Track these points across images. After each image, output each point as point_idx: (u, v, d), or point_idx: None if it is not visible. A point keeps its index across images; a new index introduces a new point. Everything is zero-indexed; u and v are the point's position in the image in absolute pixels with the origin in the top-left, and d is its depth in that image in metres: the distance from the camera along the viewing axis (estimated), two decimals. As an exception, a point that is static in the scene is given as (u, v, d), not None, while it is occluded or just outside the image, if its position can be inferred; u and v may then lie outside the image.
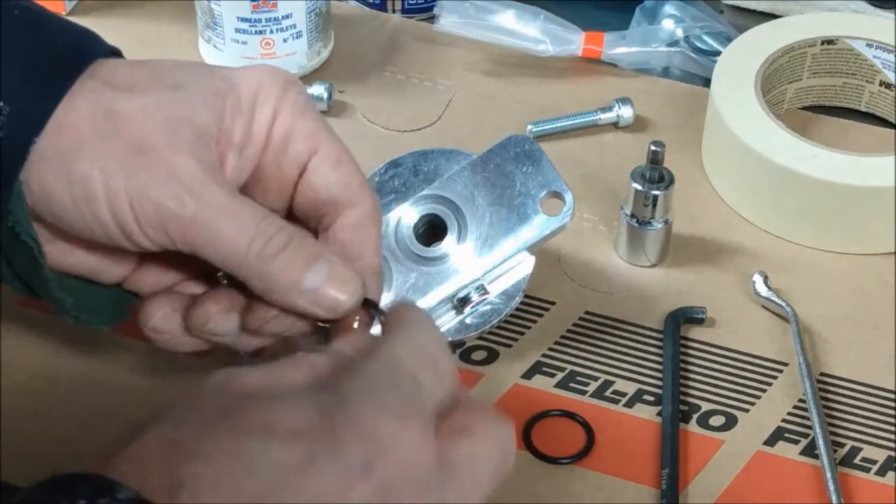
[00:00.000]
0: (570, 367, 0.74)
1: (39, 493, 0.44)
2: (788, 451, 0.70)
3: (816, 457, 0.69)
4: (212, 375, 0.49)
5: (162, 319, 0.60)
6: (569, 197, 0.73)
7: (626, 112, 0.87)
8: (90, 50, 0.58)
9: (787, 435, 0.71)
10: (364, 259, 0.60)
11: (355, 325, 0.57)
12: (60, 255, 0.60)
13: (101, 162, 0.55)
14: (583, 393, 0.72)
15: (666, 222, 0.78)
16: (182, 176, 0.55)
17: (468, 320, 0.72)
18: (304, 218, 0.60)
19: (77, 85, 0.56)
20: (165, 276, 0.62)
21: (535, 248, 0.73)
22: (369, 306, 0.58)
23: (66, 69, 0.56)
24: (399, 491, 0.47)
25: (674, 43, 0.92)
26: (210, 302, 0.59)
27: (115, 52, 0.60)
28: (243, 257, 0.55)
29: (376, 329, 0.58)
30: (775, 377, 0.73)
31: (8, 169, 0.55)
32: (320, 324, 0.58)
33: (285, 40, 0.88)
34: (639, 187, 0.76)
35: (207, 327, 0.59)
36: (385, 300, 0.72)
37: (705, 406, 0.72)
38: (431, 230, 0.74)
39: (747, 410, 0.72)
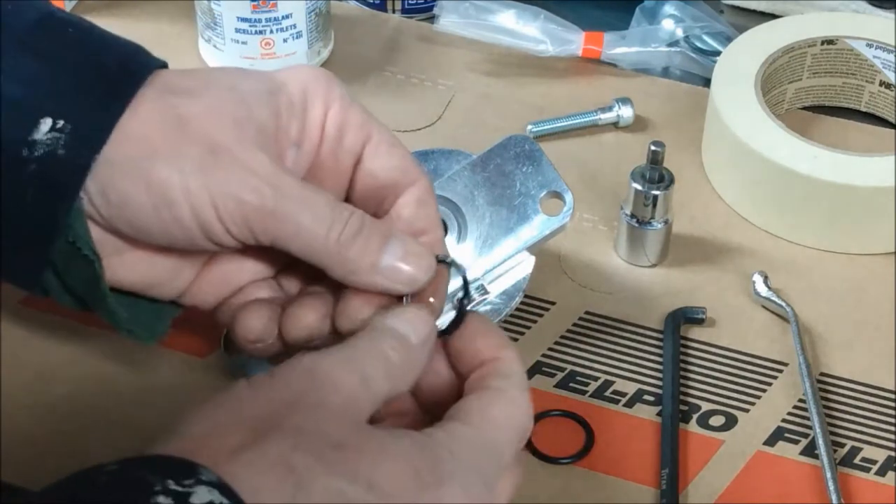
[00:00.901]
0: (570, 367, 0.74)
1: (128, 470, 0.46)
2: (788, 451, 0.70)
3: (816, 457, 0.69)
4: (299, 361, 0.52)
5: (262, 330, 0.60)
6: (569, 197, 0.73)
7: (626, 112, 0.87)
8: (145, 62, 0.59)
9: (787, 435, 0.71)
10: (429, 233, 0.62)
11: (431, 299, 0.59)
12: (121, 270, 0.60)
13: (177, 165, 0.56)
14: (583, 393, 0.72)
15: (666, 222, 0.78)
16: (257, 170, 0.56)
17: (468, 320, 0.72)
18: (363, 205, 0.61)
19: (137, 95, 0.57)
20: (225, 286, 0.63)
21: (535, 248, 0.73)
22: (446, 263, 0.61)
23: (125, 82, 0.57)
24: None
25: (674, 43, 0.92)
26: (307, 309, 0.60)
27: (164, 65, 0.60)
28: (323, 244, 0.57)
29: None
30: (775, 377, 0.73)
31: (69, 184, 0.56)
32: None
33: (285, 40, 0.88)
34: (639, 187, 0.76)
35: (305, 334, 0.60)
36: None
37: (705, 406, 0.72)
38: (431, 230, 0.74)
39: (747, 410, 0.72)
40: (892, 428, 0.71)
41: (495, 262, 0.72)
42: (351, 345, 0.54)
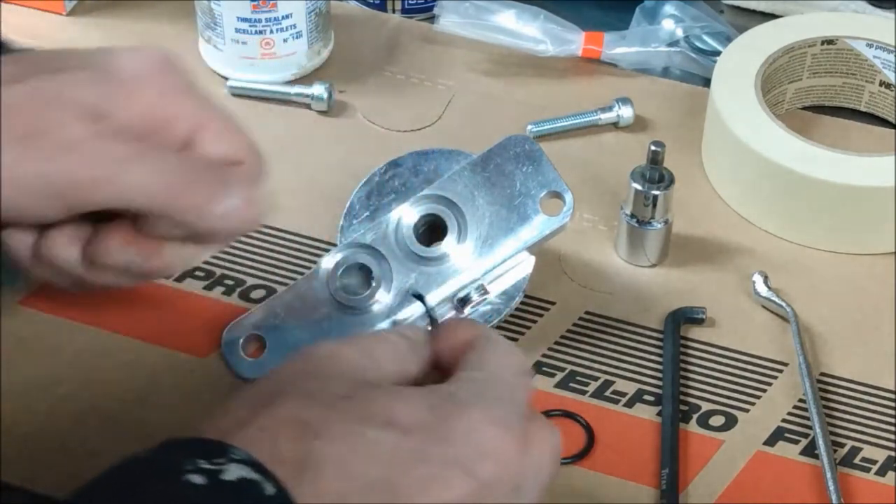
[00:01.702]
0: (570, 367, 0.74)
1: (161, 454, 0.48)
2: (788, 451, 0.70)
3: (816, 457, 0.69)
4: (314, 349, 0.56)
5: (64, 249, 0.61)
6: (569, 197, 0.73)
7: (626, 112, 0.87)
8: None
9: (787, 435, 0.71)
10: (240, 149, 0.62)
11: None
12: None
13: (10, 156, 0.57)
14: (583, 393, 0.72)
15: (666, 222, 0.78)
16: (80, 145, 0.57)
17: (468, 320, 0.72)
18: None
19: None
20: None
21: (535, 248, 0.73)
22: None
23: None
24: (494, 492, 0.52)
25: (674, 43, 0.92)
26: (112, 234, 0.61)
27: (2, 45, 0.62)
28: (162, 195, 0.59)
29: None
30: (775, 377, 0.73)
31: None
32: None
33: (285, 40, 0.88)
34: (639, 187, 0.76)
35: (109, 259, 0.61)
36: (386, 300, 0.72)
37: (705, 406, 0.72)
38: (431, 230, 0.74)
39: (747, 410, 0.72)
40: (892, 428, 0.71)
41: (495, 263, 0.72)
42: (357, 336, 0.57)
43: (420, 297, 0.71)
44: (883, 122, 0.89)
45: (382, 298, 0.72)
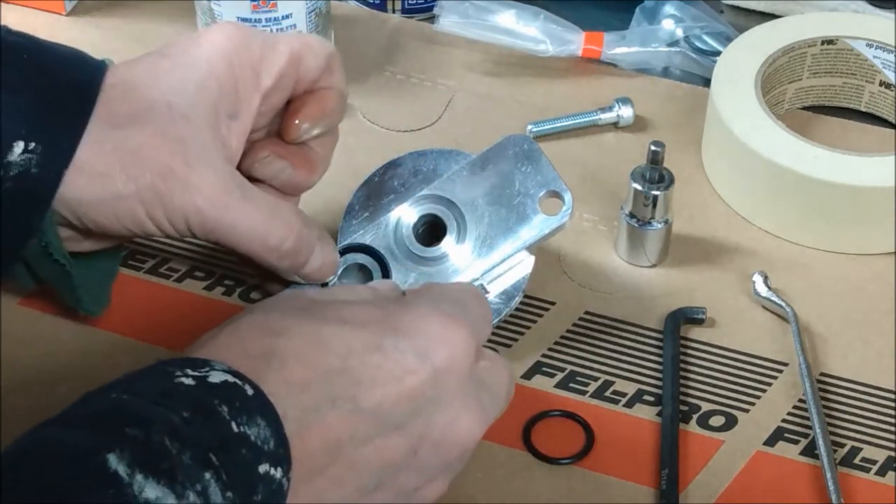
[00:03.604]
0: (570, 367, 0.74)
1: (151, 367, 0.54)
2: (788, 451, 0.70)
3: (816, 457, 0.69)
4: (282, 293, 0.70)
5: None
6: (568, 196, 0.72)
7: (626, 112, 0.87)
8: (94, 79, 0.66)
9: (787, 435, 0.71)
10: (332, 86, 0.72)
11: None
12: (85, 245, 0.71)
13: (138, 197, 0.65)
14: (583, 393, 0.72)
15: (666, 222, 0.78)
16: (203, 189, 0.66)
17: (468, 320, 0.72)
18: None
19: (92, 129, 0.65)
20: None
21: (535, 248, 0.73)
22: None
23: (80, 104, 0.65)
24: (447, 380, 0.58)
25: (674, 43, 0.92)
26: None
27: (104, 66, 0.68)
28: (258, 252, 0.68)
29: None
30: (775, 377, 0.73)
31: (42, 198, 0.65)
32: None
33: (285, 40, 0.88)
34: (639, 187, 0.76)
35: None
36: None
37: (705, 406, 0.72)
38: (431, 230, 0.74)
39: (747, 410, 0.72)
40: (892, 428, 0.71)
41: (495, 262, 0.72)
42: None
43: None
44: (883, 122, 0.89)
45: None
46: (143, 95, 0.67)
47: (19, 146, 0.64)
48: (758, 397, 0.72)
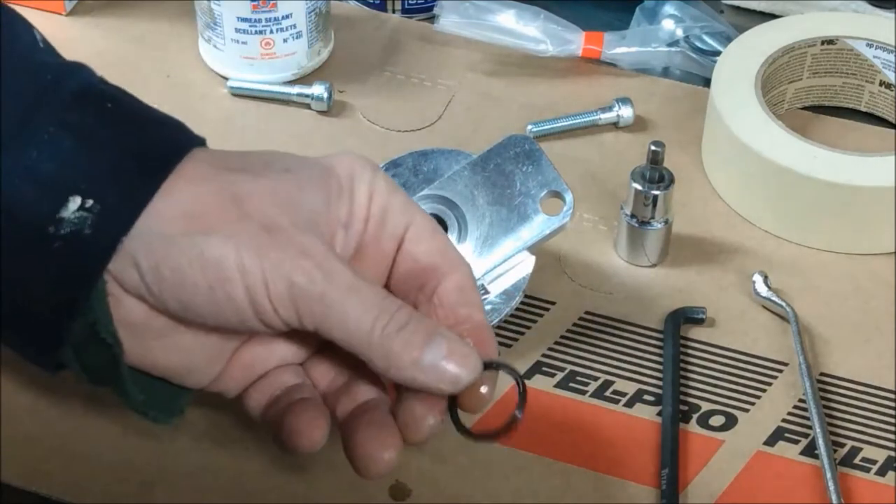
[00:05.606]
0: (570, 367, 0.74)
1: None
2: (788, 451, 0.70)
3: (816, 457, 0.69)
4: None
5: (322, 438, 0.60)
6: (569, 196, 0.73)
7: (626, 112, 0.87)
8: (184, 143, 0.58)
9: (787, 435, 0.71)
10: (474, 318, 0.60)
11: (483, 389, 0.57)
12: (159, 354, 0.59)
13: (233, 242, 0.55)
14: (583, 393, 0.72)
15: (666, 222, 0.78)
16: (310, 252, 0.56)
17: (468, 320, 0.72)
18: (403, 288, 0.61)
19: (190, 170, 0.57)
20: (252, 372, 0.62)
21: (535, 248, 0.73)
22: (494, 368, 0.58)
23: (159, 166, 0.57)
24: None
25: (674, 43, 0.92)
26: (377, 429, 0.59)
27: (203, 142, 0.60)
28: (367, 334, 0.56)
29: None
30: (775, 377, 0.73)
31: (92, 266, 0.55)
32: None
33: (285, 40, 0.88)
34: (639, 187, 0.76)
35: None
36: None
37: (705, 406, 0.72)
38: (431, 230, 0.74)
39: (747, 410, 0.72)
40: (892, 428, 0.71)
41: (495, 262, 0.72)
42: None
43: (513, 374, 0.63)
44: (883, 122, 0.89)
45: None
46: (258, 157, 0.60)
47: (75, 202, 0.54)
48: (758, 397, 0.72)
